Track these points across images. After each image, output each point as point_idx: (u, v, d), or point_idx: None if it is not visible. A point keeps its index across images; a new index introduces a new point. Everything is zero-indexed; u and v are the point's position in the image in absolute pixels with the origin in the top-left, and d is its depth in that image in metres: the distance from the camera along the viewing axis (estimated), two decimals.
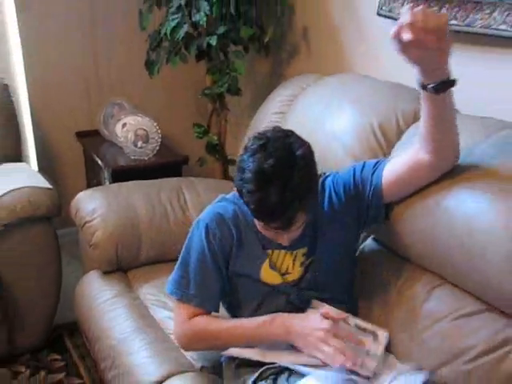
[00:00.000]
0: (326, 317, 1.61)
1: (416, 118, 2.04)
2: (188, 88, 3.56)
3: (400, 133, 2.05)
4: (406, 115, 2.08)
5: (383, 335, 1.71)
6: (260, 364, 1.69)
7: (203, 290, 1.76)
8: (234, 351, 1.74)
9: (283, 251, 1.76)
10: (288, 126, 2.39)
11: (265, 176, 1.51)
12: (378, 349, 1.67)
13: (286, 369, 1.65)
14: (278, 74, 3.19)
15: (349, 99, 2.25)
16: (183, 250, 1.81)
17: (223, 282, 1.78)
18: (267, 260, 1.76)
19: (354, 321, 1.73)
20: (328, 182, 1.83)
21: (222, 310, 1.88)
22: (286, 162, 1.53)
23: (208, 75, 3.13)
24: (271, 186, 1.50)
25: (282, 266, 1.77)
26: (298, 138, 1.61)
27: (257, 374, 1.68)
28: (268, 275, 1.76)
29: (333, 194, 1.79)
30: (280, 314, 1.69)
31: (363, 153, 2.05)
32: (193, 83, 3.50)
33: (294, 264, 1.77)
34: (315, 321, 1.62)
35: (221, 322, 1.77)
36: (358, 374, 1.58)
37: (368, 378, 1.59)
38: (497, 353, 1.59)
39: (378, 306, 1.86)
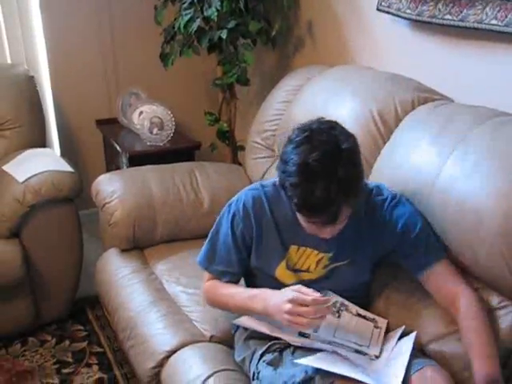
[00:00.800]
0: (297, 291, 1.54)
1: (413, 107, 2.04)
2: (200, 79, 3.54)
3: (398, 120, 2.04)
4: (403, 104, 2.06)
5: (383, 322, 1.71)
6: (269, 338, 1.70)
7: (225, 266, 1.76)
8: (244, 321, 1.75)
9: (309, 249, 1.69)
10: (293, 113, 2.40)
11: (309, 170, 1.41)
12: (380, 334, 1.68)
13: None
14: (285, 66, 3.16)
15: (350, 89, 2.24)
16: (214, 227, 1.79)
17: (244, 265, 1.76)
18: (285, 260, 1.71)
19: (355, 308, 1.73)
20: (390, 205, 1.68)
21: None
22: (332, 156, 1.42)
23: (219, 66, 3.11)
24: (316, 180, 1.40)
25: (304, 264, 1.71)
26: (343, 129, 1.51)
27: (265, 347, 1.69)
28: (283, 274, 1.73)
29: (387, 221, 1.67)
30: (265, 290, 1.65)
31: (364, 138, 2.02)
32: (204, 74, 3.48)
33: (317, 265, 1.71)
34: (282, 295, 1.55)
35: (228, 288, 1.76)
36: (365, 354, 1.59)
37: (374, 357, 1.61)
38: None
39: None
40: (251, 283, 1.82)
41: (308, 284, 1.64)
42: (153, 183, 2.47)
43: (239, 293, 1.73)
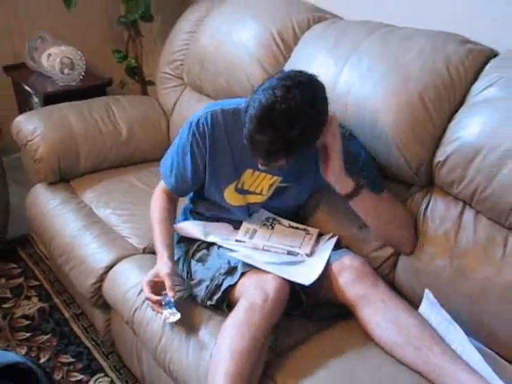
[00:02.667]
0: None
1: (309, 26, 2.17)
2: (105, 17, 3.49)
3: (297, 39, 2.15)
4: (300, 23, 2.18)
5: (315, 231, 1.83)
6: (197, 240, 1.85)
7: (178, 179, 1.82)
8: (182, 227, 1.89)
9: (263, 174, 1.76)
10: (200, 42, 2.47)
11: (269, 115, 1.44)
12: (312, 238, 1.80)
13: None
14: (186, 0, 3.19)
15: (250, 13, 2.32)
16: (175, 141, 1.83)
17: (198, 181, 1.82)
18: (235, 183, 1.78)
19: (287, 222, 1.85)
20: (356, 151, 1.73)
21: None
22: (294, 116, 1.43)
23: (122, 4, 3.13)
24: (268, 129, 1.44)
25: (257, 186, 1.79)
26: (322, 92, 1.53)
27: (195, 246, 1.85)
28: (231, 196, 1.81)
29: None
30: (162, 256, 1.73)
31: (266, 57, 2.16)
32: (109, 13, 3.45)
33: (269, 188, 1.80)
34: (151, 272, 1.70)
35: (159, 218, 1.84)
36: (296, 254, 1.74)
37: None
38: None
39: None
40: (199, 194, 1.90)
41: (252, 206, 1.82)
42: (72, 118, 2.51)
43: (157, 234, 1.81)
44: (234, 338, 1.50)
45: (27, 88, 3.09)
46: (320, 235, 1.84)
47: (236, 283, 1.65)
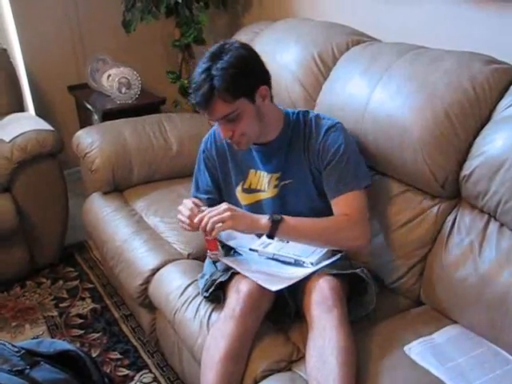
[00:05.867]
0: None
1: (347, 48, 2.24)
2: (160, 41, 3.67)
3: (335, 60, 2.22)
4: (339, 46, 2.25)
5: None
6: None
7: (206, 193, 1.99)
8: None
9: (262, 172, 1.88)
10: None
11: (203, 59, 1.68)
12: (322, 252, 1.78)
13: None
14: (236, 25, 3.32)
15: (294, 37, 2.41)
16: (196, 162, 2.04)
17: (219, 187, 1.99)
18: (241, 184, 1.92)
19: None
20: (325, 132, 1.80)
21: None
22: (213, 55, 1.66)
23: (177, 29, 3.27)
24: (196, 72, 1.66)
25: (259, 184, 1.90)
26: (241, 42, 1.74)
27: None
28: (240, 196, 1.94)
29: (320, 148, 1.79)
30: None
31: (306, 76, 2.25)
32: (164, 37, 3.62)
33: (269, 184, 1.88)
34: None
35: None
36: (302, 263, 1.75)
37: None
38: (413, 222, 1.85)
39: None
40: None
41: (264, 203, 1.90)
42: (126, 133, 2.64)
43: None
44: (209, 348, 1.60)
45: (88, 106, 3.26)
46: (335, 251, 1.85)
47: (229, 281, 1.73)
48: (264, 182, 1.90)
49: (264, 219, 1.69)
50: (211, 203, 1.93)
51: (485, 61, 1.75)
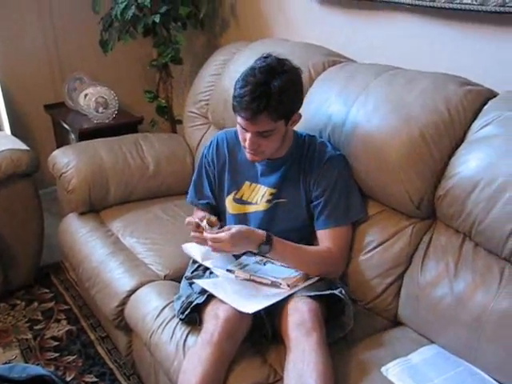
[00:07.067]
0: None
1: (324, 69, 2.25)
2: (138, 61, 3.65)
3: (312, 80, 2.23)
4: (315, 66, 2.27)
5: None
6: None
7: (206, 199, 2.03)
8: (186, 248, 1.99)
9: (258, 185, 1.91)
10: (223, 83, 2.57)
11: (252, 73, 1.69)
12: (299, 275, 1.77)
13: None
14: (213, 45, 3.32)
15: None
16: (195, 170, 2.09)
17: (215, 193, 2.02)
18: (233, 193, 1.95)
19: (280, 263, 1.83)
20: (325, 162, 1.84)
21: None
22: (273, 70, 1.68)
23: (154, 49, 3.26)
24: (252, 81, 1.66)
25: (253, 197, 1.92)
26: (293, 63, 1.77)
27: (195, 266, 1.95)
28: (229, 205, 1.96)
29: (317, 176, 1.84)
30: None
31: None
32: (142, 57, 3.60)
33: (262, 198, 1.90)
34: None
35: None
36: (279, 285, 1.74)
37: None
38: (388, 241, 1.86)
39: None
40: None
41: (252, 215, 1.91)
42: (103, 153, 2.62)
43: None
44: (186, 372, 1.58)
45: (65, 125, 3.24)
46: None
47: (205, 303, 1.71)
48: (258, 195, 1.91)
49: (256, 249, 1.74)
50: (210, 208, 2.01)
51: (459, 82, 1.77)
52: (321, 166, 1.83)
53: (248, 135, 1.74)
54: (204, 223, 1.74)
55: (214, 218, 1.79)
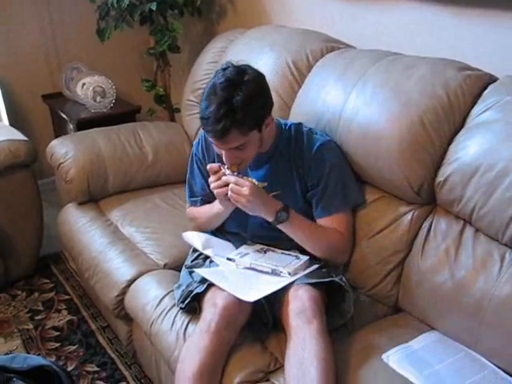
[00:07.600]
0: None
1: (322, 55, 2.23)
2: (135, 49, 3.62)
3: (310, 67, 2.21)
4: (314, 53, 2.24)
5: (305, 257, 1.81)
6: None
7: (200, 195, 2.02)
8: (187, 236, 1.99)
9: (250, 179, 1.81)
10: None
11: (213, 90, 1.62)
12: (299, 262, 1.77)
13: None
14: (210, 32, 3.29)
15: (268, 44, 2.39)
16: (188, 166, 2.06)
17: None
18: None
19: (281, 251, 1.86)
20: (317, 150, 1.81)
21: None
22: (234, 84, 1.60)
23: (151, 37, 3.24)
24: (215, 99, 1.60)
25: None
26: (255, 70, 1.70)
27: (195, 255, 1.96)
28: None
29: (310, 165, 1.81)
30: None
31: (282, 85, 2.23)
32: (139, 45, 3.57)
33: None
34: None
35: (199, 208, 2.02)
36: (280, 273, 1.73)
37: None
38: (388, 228, 1.85)
39: None
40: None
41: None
42: (101, 142, 2.60)
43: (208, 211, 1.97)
44: (184, 361, 1.58)
45: (63, 115, 3.22)
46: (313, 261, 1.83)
47: (205, 292, 1.71)
48: None
49: (273, 215, 1.72)
50: (208, 204, 1.98)
51: (458, 67, 1.75)
52: (312, 154, 1.80)
53: (223, 152, 1.72)
54: (226, 168, 1.73)
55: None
